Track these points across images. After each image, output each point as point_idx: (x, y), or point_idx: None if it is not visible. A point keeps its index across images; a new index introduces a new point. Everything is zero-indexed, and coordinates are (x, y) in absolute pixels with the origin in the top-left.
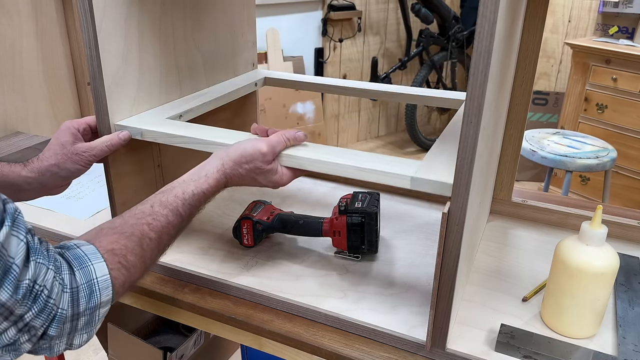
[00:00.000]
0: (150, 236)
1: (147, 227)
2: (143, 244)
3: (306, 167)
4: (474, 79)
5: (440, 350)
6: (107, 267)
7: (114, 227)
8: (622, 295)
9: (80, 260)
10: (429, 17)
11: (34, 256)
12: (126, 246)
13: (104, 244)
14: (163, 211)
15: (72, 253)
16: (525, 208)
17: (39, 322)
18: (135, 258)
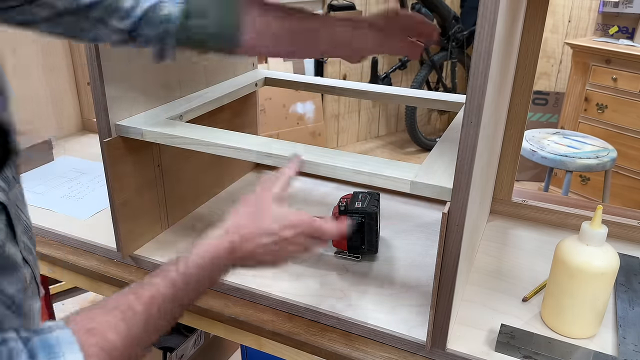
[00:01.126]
0: (136, 309)
1: (132, 297)
2: (127, 318)
3: (305, 170)
4: (474, 79)
5: (440, 351)
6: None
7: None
8: (622, 295)
9: (49, 349)
10: (429, 17)
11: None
12: (107, 322)
13: (81, 323)
14: (154, 280)
15: (42, 340)
16: (525, 208)
17: None
18: (117, 337)
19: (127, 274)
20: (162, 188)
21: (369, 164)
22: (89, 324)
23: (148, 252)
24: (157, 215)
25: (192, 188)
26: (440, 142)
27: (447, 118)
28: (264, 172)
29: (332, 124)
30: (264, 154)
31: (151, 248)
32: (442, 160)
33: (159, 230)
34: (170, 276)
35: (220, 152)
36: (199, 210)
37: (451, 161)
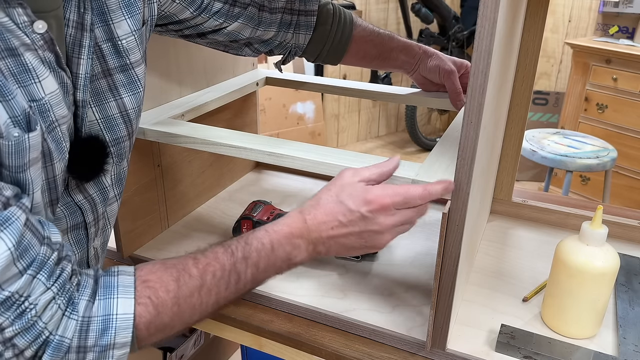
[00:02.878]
0: (192, 273)
1: (191, 262)
2: (180, 281)
3: (306, 169)
4: (474, 78)
5: (440, 351)
6: (135, 303)
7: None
8: (623, 295)
9: (107, 289)
10: (429, 17)
11: (38, 272)
12: (161, 279)
13: (143, 273)
14: (215, 247)
15: (106, 281)
16: (525, 208)
17: (22, 341)
18: (167, 295)
19: None
20: (162, 188)
21: (371, 163)
22: (148, 275)
23: (148, 252)
24: (157, 215)
25: (192, 188)
26: (440, 142)
27: (447, 118)
28: (264, 172)
29: (332, 124)
30: (266, 152)
31: (151, 248)
32: (443, 159)
33: (159, 230)
34: (230, 247)
35: (224, 152)
36: (199, 210)
37: (452, 161)
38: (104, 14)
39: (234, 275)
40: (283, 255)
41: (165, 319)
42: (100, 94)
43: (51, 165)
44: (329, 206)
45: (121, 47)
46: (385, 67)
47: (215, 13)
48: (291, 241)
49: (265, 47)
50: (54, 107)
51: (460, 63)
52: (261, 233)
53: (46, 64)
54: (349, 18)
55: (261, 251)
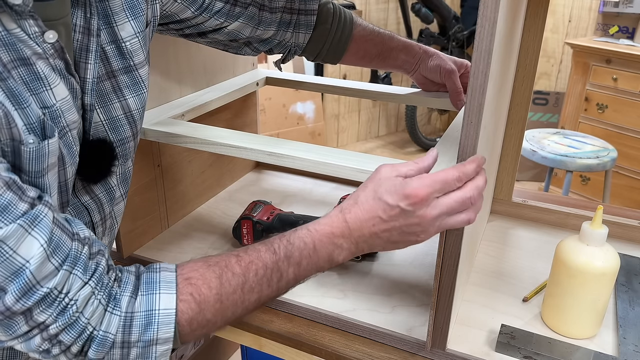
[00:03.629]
0: (234, 270)
1: (234, 259)
2: (223, 278)
3: (307, 169)
4: (474, 78)
5: (440, 351)
6: (177, 299)
7: (207, 257)
8: (623, 295)
9: (150, 285)
10: (429, 17)
11: (73, 267)
12: (203, 276)
13: (185, 271)
14: (257, 246)
15: (148, 277)
16: (525, 208)
17: (67, 337)
18: (210, 292)
19: None
20: (162, 188)
21: (371, 162)
22: (190, 273)
23: (148, 252)
24: (157, 215)
25: (192, 188)
26: (441, 142)
27: (447, 118)
28: (264, 172)
29: (332, 124)
30: (266, 152)
31: (151, 248)
32: (443, 159)
33: (159, 230)
34: (273, 246)
35: (224, 152)
36: (199, 210)
37: (452, 161)
38: (107, 17)
39: (277, 274)
40: (325, 255)
41: (207, 316)
42: (105, 96)
43: (63, 170)
44: (369, 203)
45: (125, 49)
46: (385, 67)
47: (216, 13)
48: (333, 241)
49: (265, 46)
50: (65, 112)
51: (460, 63)
52: (303, 232)
53: (57, 72)
54: (349, 17)
55: (303, 250)
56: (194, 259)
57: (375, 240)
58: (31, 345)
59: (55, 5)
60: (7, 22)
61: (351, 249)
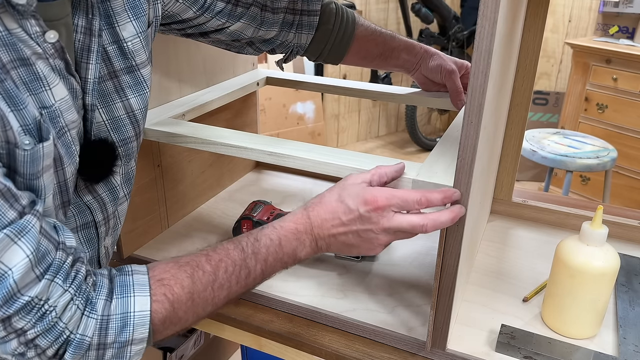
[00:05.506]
0: (205, 269)
1: (203, 258)
2: (194, 277)
3: (307, 169)
4: (475, 78)
5: (440, 351)
6: (150, 300)
7: (176, 257)
8: (623, 295)
9: (124, 288)
10: (429, 17)
11: (54, 276)
12: (175, 276)
13: (156, 272)
14: (225, 244)
15: (122, 280)
16: (525, 208)
17: (44, 341)
18: (182, 291)
19: None
20: (162, 188)
21: (372, 162)
22: (162, 274)
23: (148, 252)
24: (157, 215)
25: (192, 188)
26: (441, 142)
27: (447, 118)
28: (264, 172)
29: (332, 124)
30: (267, 152)
31: (151, 248)
32: (443, 159)
33: (159, 230)
34: (241, 244)
35: (224, 151)
36: (199, 210)
37: (452, 161)
38: (109, 17)
39: (245, 270)
40: (289, 251)
41: (180, 314)
42: (107, 96)
43: (62, 170)
44: (332, 205)
45: (127, 49)
46: (386, 67)
47: (218, 13)
48: (297, 236)
49: (267, 46)
50: (64, 112)
51: (461, 63)
52: (269, 229)
53: (56, 72)
54: (352, 17)
55: (270, 247)
56: (164, 259)
57: (333, 241)
58: (6, 348)
59: (57, 5)
60: (8, 22)
61: (312, 246)
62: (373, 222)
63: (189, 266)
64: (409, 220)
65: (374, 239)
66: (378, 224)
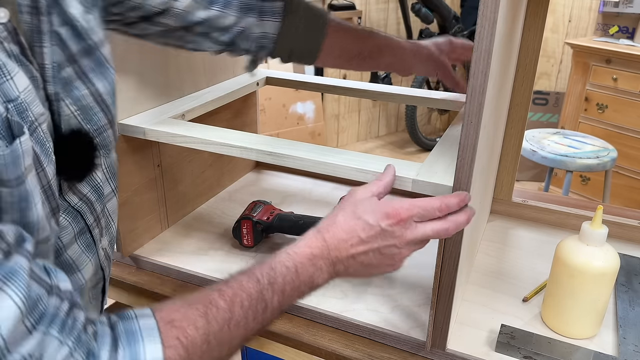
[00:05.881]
0: (219, 305)
1: (216, 294)
2: (209, 315)
3: (307, 169)
4: (474, 78)
5: (440, 351)
6: (163, 347)
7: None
8: (623, 295)
9: (130, 336)
10: (429, 17)
11: (49, 326)
12: (186, 316)
13: (164, 314)
14: (238, 277)
15: (126, 327)
16: (525, 208)
17: None
18: (197, 333)
19: (127, 274)
20: (162, 188)
21: (372, 162)
22: (171, 315)
23: (148, 252)
24: (157, 215)
25: (192, 188)
26: (441, 142)
27: (447, 118)
28: (264, 172)
29: (332, 124)
30: (266, 152)
31: (151, 248)
32: (443, 159)
33: (159, 230)
34: (255, 274)
35: (224, 152)
36: (199, 210)
37: (452, 161)
38: None
39: (262, 304)
40: (306, 279)
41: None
42: (70, 84)
43: (42, 171)
44: (348, 223)
45: (80, 28)
46: (368, 68)
47: None
48: (313, 262)
49: (226, 36)
50: (31, 104)
51: (445, 44)
52: (283, 257)
53: (13, 58)
54: (321, 10)
55: (286, 276)
56: (170, 300)
57: (352, 262)
58: None
59: None
60: None
61: (330, 271)
62: (396, 236)
63: (201, 304)
64: (432, 227)
65: (397, 254)
66: (402, 237)
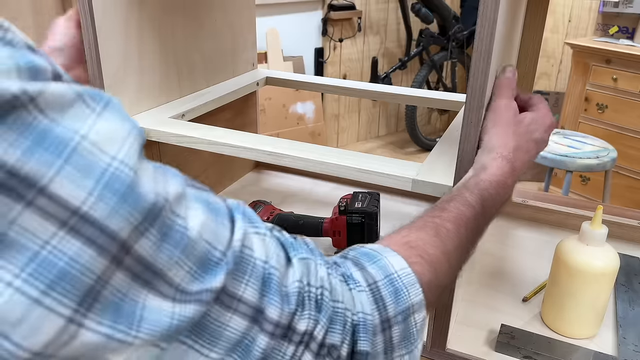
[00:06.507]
0: (447, 226)
1: (438, 220)
2: (441, 234)
3: (307, 169)
4: (474, 79)
5: (440, 351)
6: (406, 261)
7: (398, 230)
8: (623, 295)
9: (368, 255)
10: (429, 17)
11: (294, 252)
12: (421, 238)
13: (393, 241)
14: (450, 204)
15: (356, 252)
16: (525, 208)
17: (337, 337)
18: (437, 251)
19: None
20: None
21: (372, 162)
22: (404, 238)
23: None
24: None
25: None
26: (441, 142)
27: (447, 118)
28: (264, 172)
29: (332, 124)
30: (266, 152)
31: None
32: (443, 159)
33: None
34: (468, 200)
35: (224, 151)
36: None
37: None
38: None
39: (476, 228)
40: (499, 203)
41: (440, 277)
42: None
43: None
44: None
45: None
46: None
47: None
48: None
49: None
50: None
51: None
52: (486, 185)
53: None
54: None
55: (489, 202)
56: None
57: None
58: None
59: None
60: None
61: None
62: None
63: (429, 227)
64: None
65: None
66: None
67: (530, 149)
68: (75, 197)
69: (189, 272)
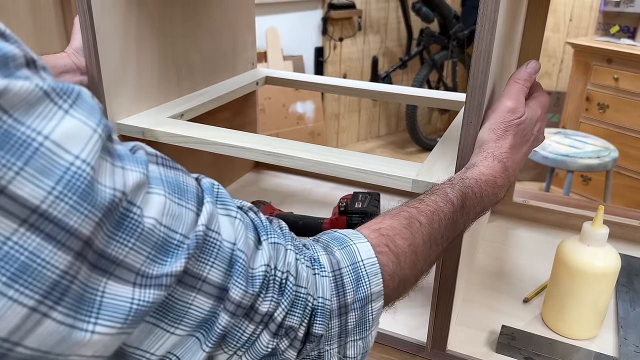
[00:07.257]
0: (421, 219)
1: (414, 211)
2: (413, 227)
3: (307, 169)
4: (474, 78)
5: (440, 352)
6: (373, 248)
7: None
8: (624, 296)
9: (339, 240)
10: (430, 16)
11: (265, 235)
12: (392, 227)
13: (366, 225)
14: (430, 197)
15: (328, 236)
16: (526, 208)
17: (295, 319)
18: (405, 243)
19: None
20: None
21: (371, 162)
22: (376, 225)
23: None
24: None
25: None
26: (441, 141)
27: (448, 117)
28: (264, 172)
29: (332, 124)
30: (266, 152)
31: None
32: (443, 159)
33: None
34: (448, 196)
35: (224, 151)
36: None
37: (452, 160)
38: None
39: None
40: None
41: (405, 270)
42: None
43: None
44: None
45: None
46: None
47: None
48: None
49: None
50: None
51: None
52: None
53: None
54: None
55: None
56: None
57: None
58: (257, 349)
59: None
60: None
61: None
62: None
63: (403, 217)
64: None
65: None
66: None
67: (525, 150)
68: (35, 197)
69: (148, 257)
